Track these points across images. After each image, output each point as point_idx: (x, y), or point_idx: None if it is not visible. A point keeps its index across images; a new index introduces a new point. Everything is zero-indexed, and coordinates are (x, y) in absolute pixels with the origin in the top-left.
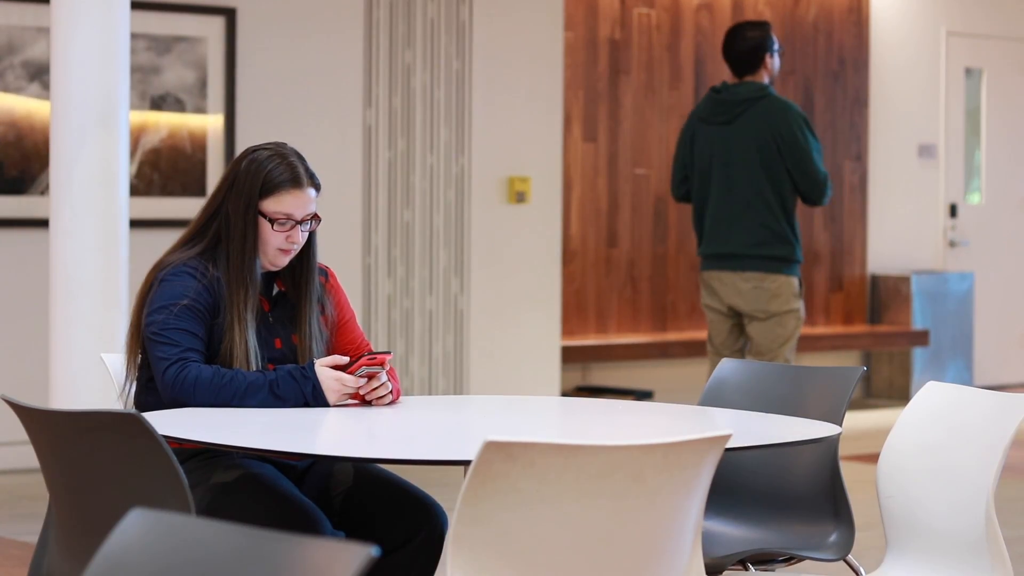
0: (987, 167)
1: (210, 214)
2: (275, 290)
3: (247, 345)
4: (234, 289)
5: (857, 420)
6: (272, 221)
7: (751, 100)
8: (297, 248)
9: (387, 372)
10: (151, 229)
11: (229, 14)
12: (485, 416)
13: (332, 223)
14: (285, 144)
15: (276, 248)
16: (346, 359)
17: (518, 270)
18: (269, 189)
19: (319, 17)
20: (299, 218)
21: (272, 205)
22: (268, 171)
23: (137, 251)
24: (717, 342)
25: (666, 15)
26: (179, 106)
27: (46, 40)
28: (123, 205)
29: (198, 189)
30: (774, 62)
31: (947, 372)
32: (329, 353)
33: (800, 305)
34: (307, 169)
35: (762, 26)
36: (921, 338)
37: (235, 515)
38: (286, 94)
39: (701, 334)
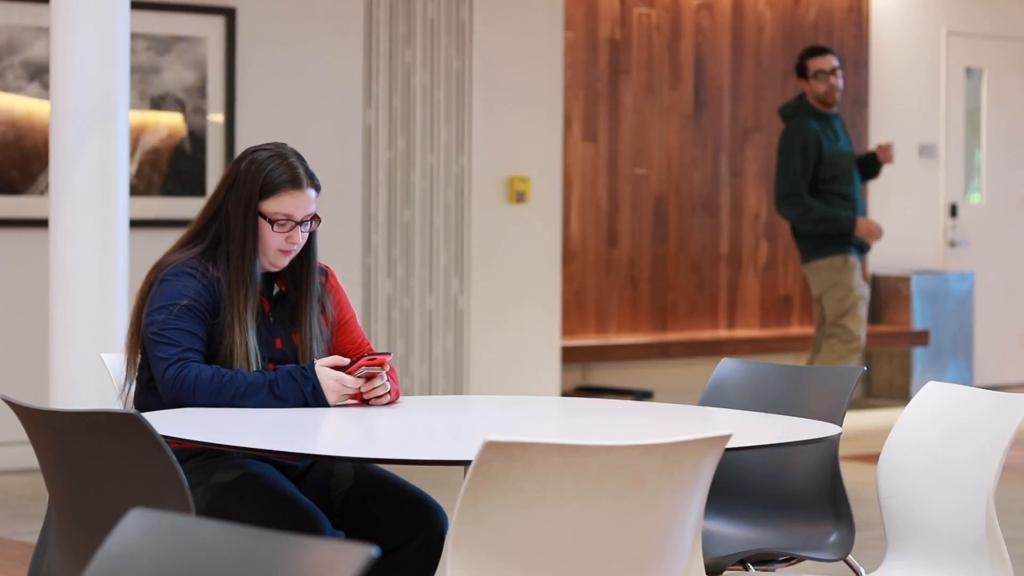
0: (987, 167)
1: (210, 215)
2: (275, 290)
3: (247, 346)
4: (234, 290)
5: (857, 420)
6: (272, 222)
7: (786, 116)
8: (297, 249)
9: (387, 373)
10: (151, 229)
11: (229, 14)
12: (485, 416)
13: (332, 223)
14: (285, 144)
15: (276, 249)
16: (346, 360)
17: (518, 270)
18: (269, 190)
19: (319, 17)
20: (299, 219)
21: (272, 206)
22: (268, 172)
23: (137, 251)
24: None
25: (666, 15)
26: (179, 106)
27: (46, 40)
28: (123, 205)
29: (198, 189)
30: (810, 86)
31: (947, 372)
32: (329, 353)
33: (843, 279)
34: (307, 170)
35: (801, 54)
36: (921, 338)
37: (235, 515)
38: (286, 94)
39: (701, 334)
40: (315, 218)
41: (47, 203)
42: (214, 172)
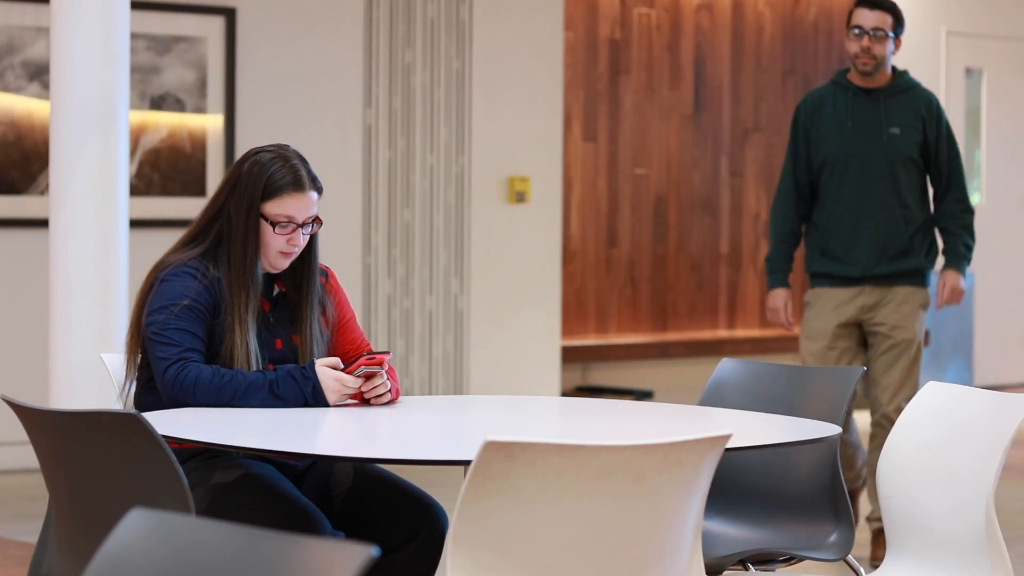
0: (987, 167)
1: (211, 215)
2: (275, 291)
3: (248, 347)
4: (235, 291)
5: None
6: (274, 224)
7: None
8: (298, 251)
9: (386, 372)
10: (151, 229)
11: (229, 14)
12: (485, 416)
13: (332, 223)
14: (287, 146)
15: (277, 251)
16: (346, 362)
17: (518, 270)
18: (271, 192)
19: (319, 17)
20: (300, 221)
21: (274, 208)
22: (270, 174)
23: (137, 251)
24: None
25: (666, 15)
26: (179, 106)
27: (46, 40)
28: (123, 205)
29: (198, 189)
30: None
31: (947, 372)
32: (329, 354)
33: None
34: (309, 172)
35: None
36: None
37: (235, 515)
38: (286, 94)
39: (701, 334)
40: (316, 220)
41: (47, 203)
42: (214, 172)
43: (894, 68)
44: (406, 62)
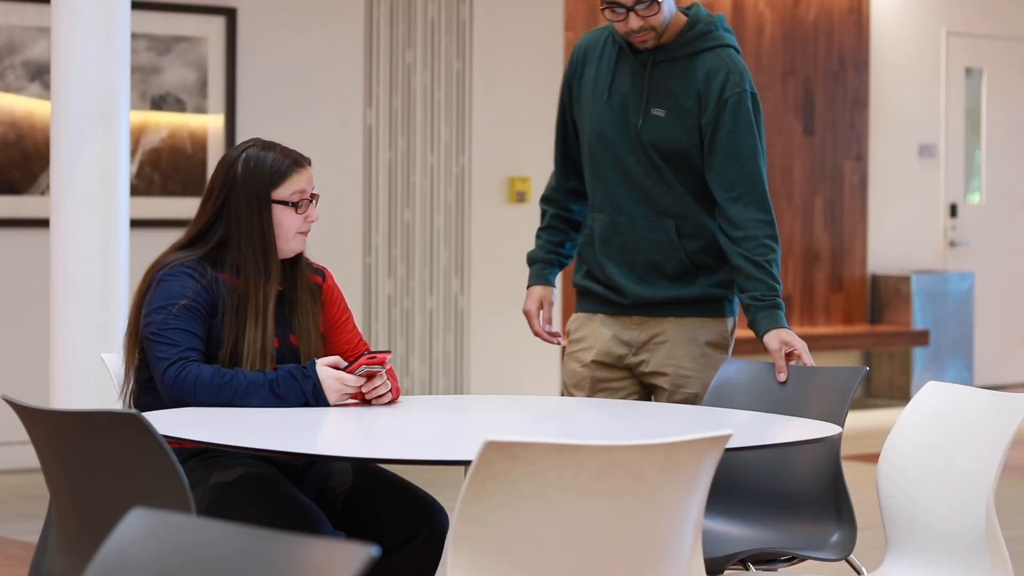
0: (987, 167)
1: (210, 219)
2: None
3: (265, 342)
4: (256, 285)
5: (857, 420)
6: (293, 204)
7: None
8: (311, 226)
9: (386, 371)
10: (151, 229)
11: (229, 14)
12: (485, 416)
13: (332, 223)
14: (260, 138)
15: (295, 231)
16: (346, 362)
17: (518, 270)
18: (279, 177)
19: (319, 17)
20: (310, 193)
21: (287, 189)
22: (271, 163)
23: (137, 251)
24: None
25: None
26: (179, 106)
27: (46, 40)
28: (123, 205)
29: (199, 189)
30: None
31: (947, 372)
32: (327, 354)
33: None
34: (296, 151)
35: None
36: (921, 338)
37: (235, 515)
38: (286, 94)
39: None
40: (316, 196)
41: (48, 203)
42: None
43: (697, 19)
44: (406, 62)
